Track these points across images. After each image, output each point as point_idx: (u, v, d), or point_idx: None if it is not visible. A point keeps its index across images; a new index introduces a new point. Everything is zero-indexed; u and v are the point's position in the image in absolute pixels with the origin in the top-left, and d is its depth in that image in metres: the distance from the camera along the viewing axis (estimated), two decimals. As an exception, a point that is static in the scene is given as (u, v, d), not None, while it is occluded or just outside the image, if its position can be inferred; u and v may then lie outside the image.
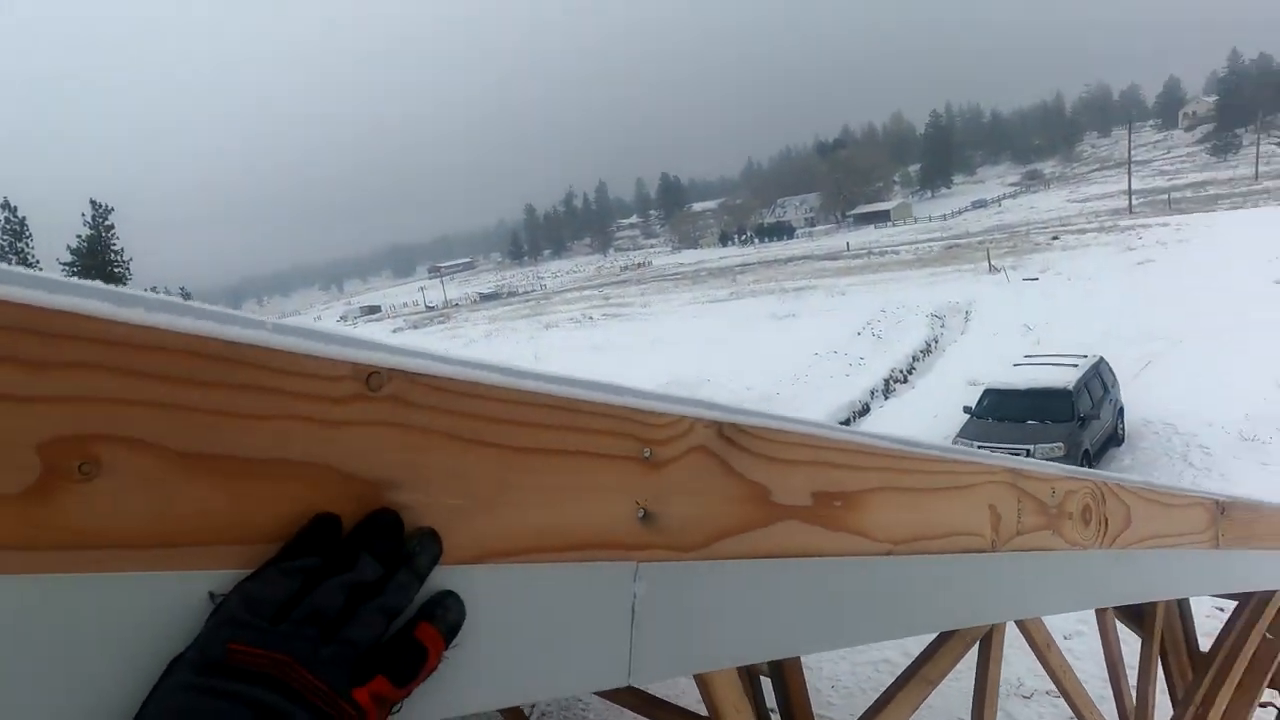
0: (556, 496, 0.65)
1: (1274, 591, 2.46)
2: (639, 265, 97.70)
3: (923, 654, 1.77)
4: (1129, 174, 67.05)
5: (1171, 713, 2.64)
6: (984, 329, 23.56)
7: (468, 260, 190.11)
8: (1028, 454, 10.99)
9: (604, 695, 2.77)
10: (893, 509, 1.08)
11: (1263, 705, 2.93)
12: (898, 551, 1.08)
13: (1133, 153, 73.89)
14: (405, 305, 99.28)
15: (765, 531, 0.90)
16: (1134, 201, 59.12)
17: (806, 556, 0.97)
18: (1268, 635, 2.61)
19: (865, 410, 17.71)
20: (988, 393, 13.05)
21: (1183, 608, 2.67)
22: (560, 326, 42.21)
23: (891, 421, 16.30)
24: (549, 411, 0.64)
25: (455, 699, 0.56)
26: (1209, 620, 3.69)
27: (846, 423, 16.53)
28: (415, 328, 61.70)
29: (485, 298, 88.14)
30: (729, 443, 0.85)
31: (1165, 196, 59.89)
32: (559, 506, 0.65)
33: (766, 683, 2.97)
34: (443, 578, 0.54)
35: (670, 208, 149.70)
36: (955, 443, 12.18)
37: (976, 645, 1.95)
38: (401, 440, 0.52)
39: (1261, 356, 15.26)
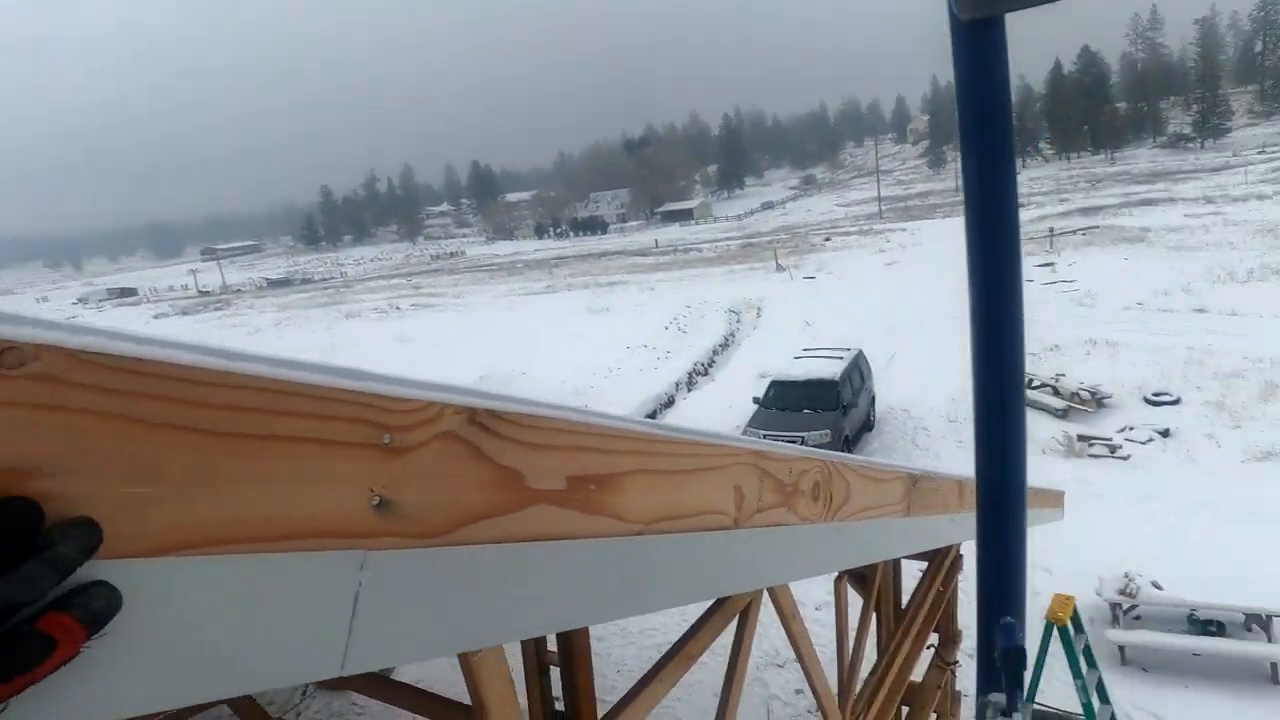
0: (274, 485, 0.62)
1: (948, 549, 2.96)
2: (452, 255, 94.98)
3: (686, 632, 1.91)
4: (878, 182, 76.83)
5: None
6: (773, 324, 25.65)
7: (252, 243, 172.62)
8: (802, 440, 12.13)
9: (379, 696, 2.66)
10: (645, 491, 1.14)
11: (929, 646, 3.51)
12: (648, 531, 1.16)
13: (880, 164, 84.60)
14: (172, 289, 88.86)
15: (518, 515, 0.91)
16: (883, 208, 67.66)
17: (561, 539, 1.00)
18: (940, 587, 3.14)
19: (670, 402, 18.52)
20: (772, 384, 14.20)
21: (895, 570, 3.12)
22: (363, 316, 39.86)
23: (693, 412, 17.22)
24: (270, 396, 0.61)
25: (121, 698, 0.52)
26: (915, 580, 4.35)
27: (654, 414, 17.20)
28: (185, 314, 55.43)
29: (274, 284, 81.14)
30: (482, 428, 0.86)
31: (904, 204, 68.91)
32: (276, 495, 0.62)
33: (556, 672, 3.03)
34: (112, 571, 0.50)
35: (483, 197, 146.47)
36: (745, 431, 13.16)
37: (736, 619, 2.14)
38: (55, 422, 0.47)
39: (961, 347, 18.48)
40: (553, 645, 3.51)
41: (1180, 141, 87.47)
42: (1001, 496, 0.91)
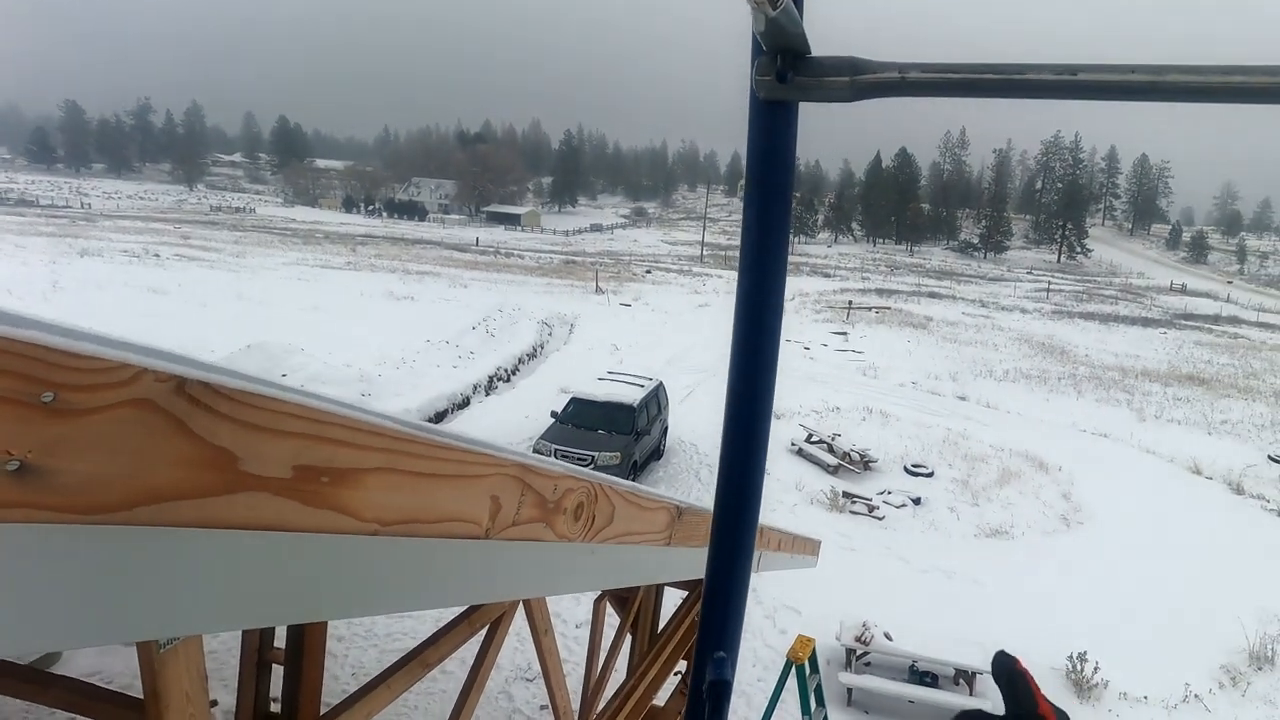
0: None
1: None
2: (238, 210, 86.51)
3: (427, 639, 1.82)
4: (704, 228, 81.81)
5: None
6: (583, 342, 25.96)
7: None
8: (593, 460, 12.33)
9: (20, 694, 2.20)
10: (389, 490, 1.07)
11: (676, 673, 3.71)
12: (385, 532, 1.08)
13: (707, 211, 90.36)
14: None
15: (225, 500, 0.83)
16: (705, 253, 71.98)
17: (277, 530, 0.92)
18: (696, 617, 3.32)
19: (466, 403, 17.98)
20: (572, 400, 14.32)
21: (656, 596, 3.25)
22: (106, 257, 34.47)
23: (488, 417, 16.88)
24: None
25: None
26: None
27: (443, 414, 16.59)
28: None
29: None
30: (193, 401, 0.77)
31: (725, 253, 73.82)
32: None
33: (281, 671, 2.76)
34: None
35: (286, 156, 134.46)
36: (538, 442, 13.11)
37: (485, 630, 2.08)
38: None
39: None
40: (282, 642, 3.21)
41: (968, 248, 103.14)
42: (735, 535, 0.95)
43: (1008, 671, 0.67)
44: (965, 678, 8.32)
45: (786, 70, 0.71)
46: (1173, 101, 0.70)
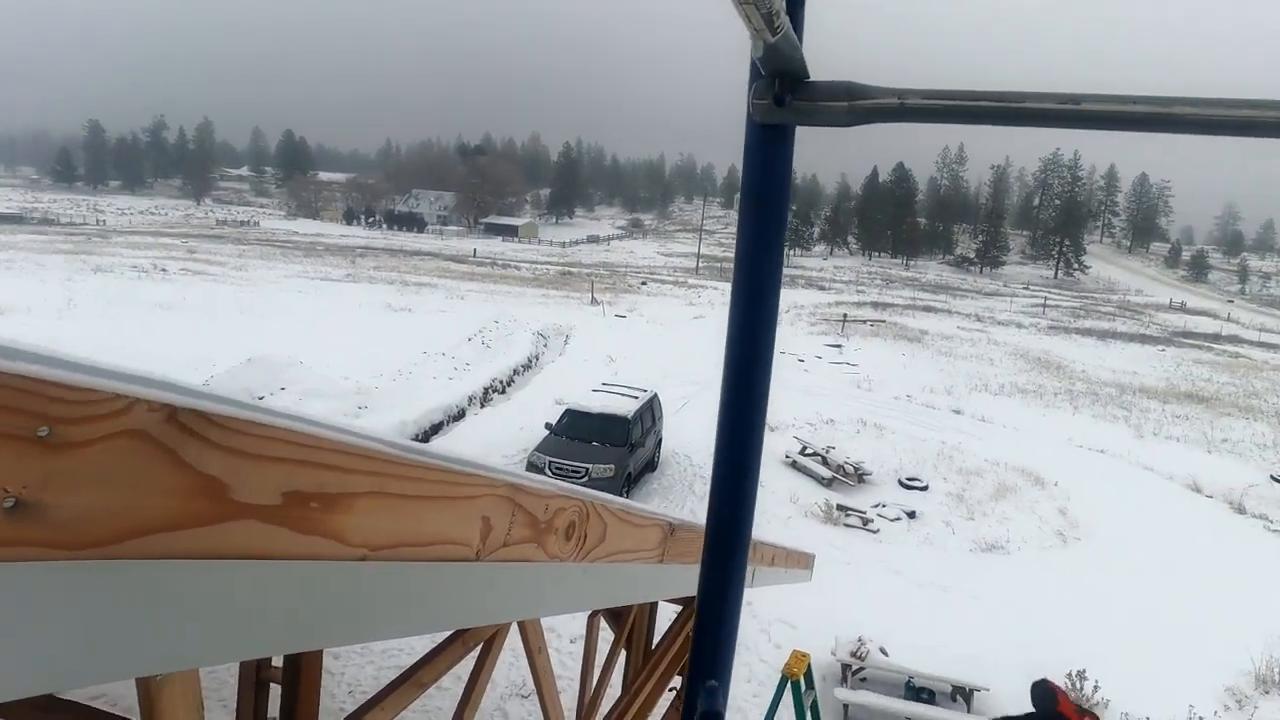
0: None
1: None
2: (243, 223, 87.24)
3: (421, 659, 1.82)
4: (699, 240, 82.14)
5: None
6: (578, 354, 25.96)
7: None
8: (586, 472, 12.30)
9: None
10: (376, 514, 1.07)
11: (671, 689, 3.69)
12: (374, 557, 1.08)
13: (704, 224, 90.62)
14: None
15: (215, 530, 0.82)
16: (701, 265, 72.28)
17: (268, 559, 0.91)
18: (690, 632, 3.32)
19: (461, 415, 17.96)
20: (567, 412, 14.27)
21: (650, 612, 3.24)
22: (116, 272, 34.69)
23: (483, 428, 16.86)
24: None
25: None
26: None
27: (439, 426, 16.55)
28: None
29: (2, 219, 70.05)
30: (184, 430, 0.76)
31: (720, 265, 74.06)
32: None
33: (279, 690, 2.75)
34: None
35: (290, 170, 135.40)
36: (532, 455, 13.07)
37: (478, 649, 2.08)
38: None
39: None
40: (279, 661, 3.20)
41: (964, 263, 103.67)
42: (726, 556, 0.94)
43: (1041, 690, 0.64)
44: (962, 694, 8.25)
45: (784, 94, 0.70)
46: (1178, 133, 0.66)
